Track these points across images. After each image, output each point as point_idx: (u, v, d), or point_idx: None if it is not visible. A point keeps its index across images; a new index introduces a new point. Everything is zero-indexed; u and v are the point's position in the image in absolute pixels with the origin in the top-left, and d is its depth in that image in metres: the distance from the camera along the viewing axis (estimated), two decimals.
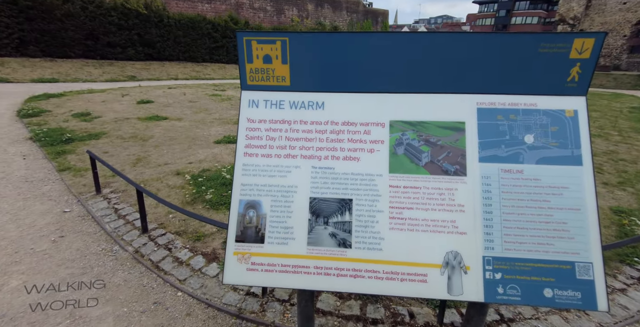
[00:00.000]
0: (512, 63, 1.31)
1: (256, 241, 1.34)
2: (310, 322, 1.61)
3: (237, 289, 2.23)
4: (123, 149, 5.13)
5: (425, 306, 2.15)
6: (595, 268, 1.20)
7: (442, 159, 1.35)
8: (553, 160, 1.29)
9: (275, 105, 1.45)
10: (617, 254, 2.78)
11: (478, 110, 1.36)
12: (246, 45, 1.41)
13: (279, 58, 1.41)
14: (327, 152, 1.39)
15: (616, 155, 5.79)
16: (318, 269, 1.30)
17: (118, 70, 16.56)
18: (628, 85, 20.53)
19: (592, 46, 1.27)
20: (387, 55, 1.36)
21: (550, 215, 1.25)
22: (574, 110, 1.33)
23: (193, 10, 24.24)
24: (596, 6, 25.81)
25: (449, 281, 1.24)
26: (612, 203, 3.83)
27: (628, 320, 2.11)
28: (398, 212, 1.32)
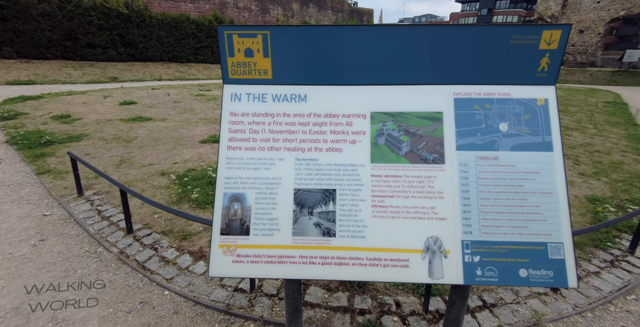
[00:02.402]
0: (487, 54, 1.36)
1: (241, 233, 1.35)
2: (297, 313, 1.63)
3: (225, 285, 2.22)
4: (106, 151, 5.02)
5: (411, 295, 2.20)
6: (565, 248, 1.26)
7: (422, 148, 1.39)
8: (526, 147, 1.35)
9: (258, 99, 1.46)
10: (591, 239, 2.91)
11: (455, 101, 1.41)
12: (227, 39, 1.42)
13: (261, 51, 1.42)
14: (311, 144, 1.41)
15: (592, 147, 6.03)
16: (303, 258, 1.32)
17: (99, 72, 16.13)
18: (603, 80, 21.34)
19: (560, 37, 1.32)
20: (367, 48, 1.39)
21: (525, 199, 1.31)
22: (545, 99, 1.39)
23: (176, 9, 23.82)
24: (572, 5, 26.70)
25: (430, 265, 1.28)
26: (587, 192, 3.99)
27: (601, 301, 2.22)
28: (380, 200, 1.35)
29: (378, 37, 1.37)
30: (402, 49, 1.38)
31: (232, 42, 1.41)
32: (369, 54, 1.39)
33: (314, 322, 1.95)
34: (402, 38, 1.37)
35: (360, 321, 1.97)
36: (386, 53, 1.38)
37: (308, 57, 1.41)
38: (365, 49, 1.38)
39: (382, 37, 1.37)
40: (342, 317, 1.99)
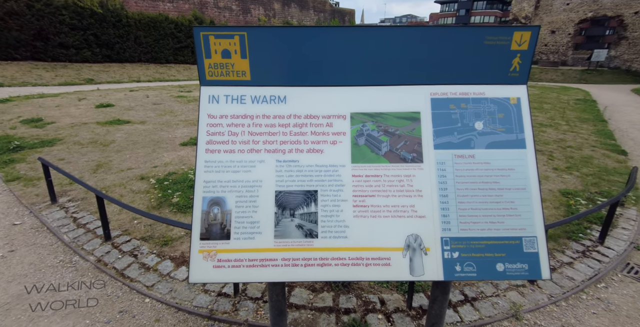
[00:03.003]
0: (462, 55, 1.39)
1: (222, 237, 1.33)
2: (282, 316, 1.62)
3: (208, 290, 2.18)
4: (81, 156, 4.82)
5: (395, 292, 2.23)
6: (539, 241, 1.31)
7: (400, 148, 1.41)
8: (501, 144, 1.39)
9: (237, 100, 1.44)
10: (564, 231, 3.04)
11: (432, 101, 1.43)
12: (204, 40, 1.39)
13: (238, 53, 1.40)
14: (291, 146, 1.40)
15: (564, 143, 6.30)
16: (286, 260, 1.31)
17: (73, 73, 15.49)
18: (574, 79, 22.36)
19: (529, 38, 1.38)
20: (346, 49, 1.39)
21: (500, 195, 1.35)
22: (517, 97, 1.43)
23: (154, 9, 23.21)
24: (544, 6, 27.82)
25: (411, 262, 1.30)
26: (561, 186, 4.17)
27: (574, 290, 2.32)
28: (361, 200, 1.36)
29: (357, 38, 1.38)
30: (380, 50, 1.39)
31: (208, 43, 1.39)
32: (348, 55, 1.40)
33: (299, 323, 1.94)
34: (380, 39, 1.38)
35: (345, 320, 1.97)
36: (365, 54, 1.39)
37: (287, 58, 1.40)
38: (344, 49, 1.39)
39: (361, 38, 1.38)
40: (327, 317, 2.00)
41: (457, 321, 2.02)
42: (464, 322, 2.02)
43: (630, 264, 2.68)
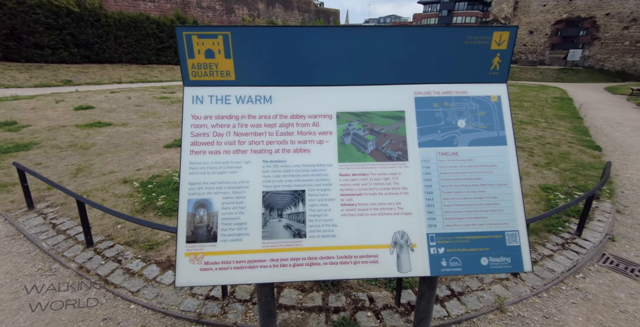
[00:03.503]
0: (444, 54, 1.42)
1: (208, 240, 1.31)
2: (271, 317, 1.61)
3: (196, 294, 2.15)
4: (60, 159, 4.65)
5: (384, 289, 2.25)
6: (520, 235, 1.36)
7: (386, 146, 1.43)
8: (483, 141, 1.43)
9: (221, 101, 1.42)
10: (545, 225, 3.14)
11: (416, 100, 1.46)
12: (186, 40, 1.37)
13: (222, 52, 1.39)
14: (278, 146, 1.40)
15: (544, 140, 6.52)
16: (274, 261, 1.31)
17: (49, 74, 14.91)
18: (551, 77, 23.17)
19: (508, 38, 1.42)
20: (331, 49, 1.40)
21: (483, 191, 1.38)
22: (498, 96, 1.47)
23: (134, 8, 22.62)
24: (522, 8, 28.71)
25: (398, 259, 1.32)
26: (541, 181, 4.31)
27: (554, 281, 2.41)
28: (349, 199, 1.37)
29: (341, 37, 1.39)
30: (365, 50, 1.40)
31: (191, 43, 1.37)
32: (333, 55, 1.40)
33: (289, 324, 1.94)
34: (365, 39, 1.39)
35: (335, 319, 1.98)
36: (350, 54, 1.40)
37: (272, 58, 1.39)
38: (328, 49, 1.39)
39: (346, 38, 1.39)
40: (317, 316, 2.00)
41: (444, 316, 2.06)
42: (451, 316, 2.06)
43: (605, 254, 2.80)
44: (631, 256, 2.79)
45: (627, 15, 23.11)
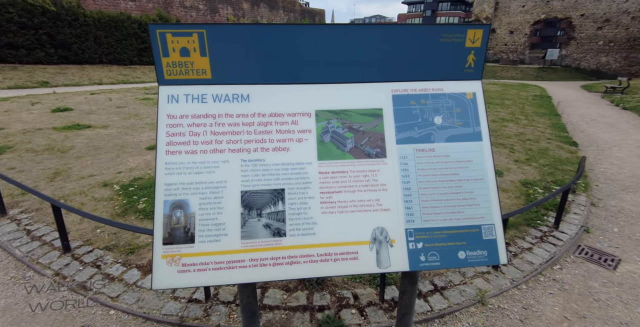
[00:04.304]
0: (420, 52, 1.44)
1: (186, 241, 1.29)
2: (254, 318, 1.59)
3: (178, 297, 2.11)
4: (36, 163, 4.48)
5: (369, 286, 2.27)
6: (496, 228, 1.39)
7: (365, 144, 1.44)
8: (459, 137, 1.46)
9: (197, 100, 1.40)
10: (524, 219, 3.24)
11: (393, 97, 1.47)
12: (160, 39, 1.34)
13: (197, 50, 1.36)
14: (256, 145, 1.38)
15: (524, 137, 6.70)
16: (254, 261, 1.29)
17: (25, 76, 14.35)
18: (532, 76, 23.87)
19: (482, 36, 1.45)
20: (309, 47, 1.39)
21: (460, 186, 1.41)
22: (473, 92, 1.51)
23: (115, 8, 22.04)
24: (502, 8, 29.47)
25: (378, 255, 1.33)
26: (521, 177, 4.43)
27: (533, 273, 2.48)
28: (328, 196, 1.37)
29: (319, 36, 1.38)
30: (343, 48, 1.40)
31: (165, 41, 1.34)
32: (311, 53, 1.40)
33: (273, 324, 1.93)
34: (343, 37, 1.39)
35: (319, 317, 1.98)
36: (328, 52, 1.40)
37: (248, 56, 1.38)
38: (306, 47, 1.39)
39: (324, 36, 1.39)
40: (301, 316, 1.99)
41: (427, 311, 2.09)
42: (434, 311, 2.10)
43: (581, 246, 2.90)
44: (605, 246, 2.90)
45: (601, 16, 24.04)
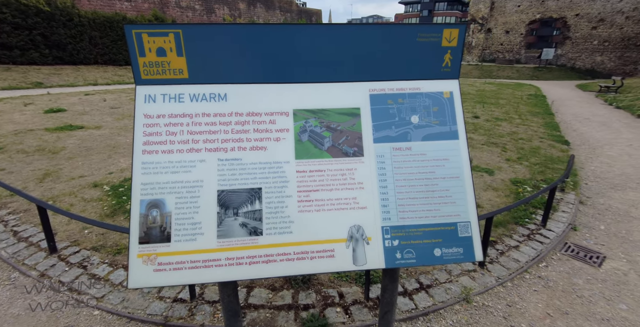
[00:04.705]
0: (397, 52, 1.45)
1: (162, 240, 1.29)
2: (236, 317, 1.60)
3: (164, 297, 2.11)
4: (26, 164, 4.46)
5: (354, 285, 2.28)
6: (472, 226, 1.40)
7: (342, 143, 1.45)
8: (435, 136, 1.47)
9: (175, 99, 1.40)
10: (513, 217, 3.26)
11: (371, 97, 1.48)
12: (136, 39, 1.34)
13: (174, 51, 1.37)
14: (233, 144, 1.39)
15: (517, 136, 6.74)
16: (230, 260, 1.30)
17: (18, 76, 14.27)
18: (527, 76, 23.98)
19: (458, 35, 1.46)
20: (286, 47, 1.40)
21: (436, 184, 1.42)
22: (450, 91, 1.52)
23: (110, 8, 21.95)
24: (498, 8, 29.59)
25: (354, 252, 1.34)
26: (512, 176, 4.46)
27: (519, 271, 2.50)
28: (306, 195, 1.38)
29: (297, 35, 1.39)
30: (321, 48, 1.41)
31: (141, 41, 1.34)
32: (289, 53, 1.40)
33: (257, 323, 1.93)
34: (320, 37, 1.40)
35: (304, 316, 1.99)
36: (306, 51, 1.41)
37: (225, 55, 1.38)
38: (284, 47, 1.40)
39: (301, 36, 1.39)
40: (286, 314, 2.00)
41: (412, 309, 2.10)
42: (419, 308, 2.11)
43: (567, 243, 2.92)
44: (590, 243, 2.92)
45: (595, 15, 24.19)
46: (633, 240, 2.95)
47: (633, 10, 22.40)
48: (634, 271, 2.52)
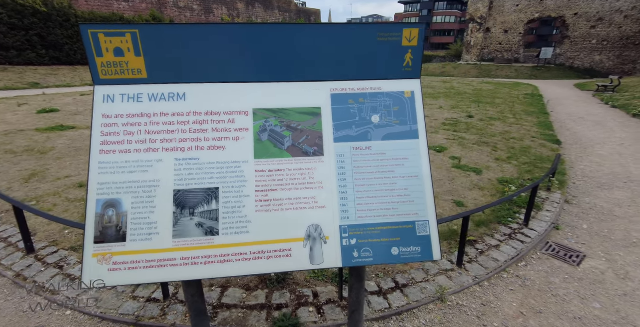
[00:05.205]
0: (358, 51, 1.45)
1: (117, 240, 1.29)
2: (202, 316, 1.60)
3: (137, 296, 2.11)
4: (13, 165, 4.47)
5: (330, 285, 2.28)
6: (430, 225, 1.40)
7: (302, 142, 1.45)
8: (396, 136, 1.47)
9: (133, 99, 1.40)
10: (496, 216, 3.25)
11: (332, 96, 1.48)
12: (93, 39, 1.34)
13: (132, 51, 1.37)
14: (191, 143, 1.39)
15: (509, 135, 6.73)
16: (185, 260, 1.30)
17: (15, 77, 14.30)
18: (526, 75, 23.95)
19: (418, 35, 1.46)
20: (246, 46, 1.40)
21: (395, 183, 1.42)
22: (411, 91, 1.52)
23: (107, 8, 21.97)
24: (497, 7, 29.54)
25: (311, 252, 1.34)
26: (499, 175, 4.45)
27: (497, 270, 2.49)
28: (264, 195, 1.38)
29: (256, 35, 1.39)
30: (281, 47, 1.41)
31: (98, 41, 1.34)
32: (249, 52, 1.40)
33: (228, 322, 1.93)
34: (281, 36, 1.40)
35: (276, 316, 1.99)
36: (266, 50, 1.41)
37: (184, 55, 1.38)
38: (244, 46, 1.40)
39: (261, 35, 1.39)
40: (258, 314, 2.00)
41: (385, 308, 2.10)
42: (392, 308, 2.11)
43: (549, 243, 2.92)
44: (572, 242, 2.92)
45: (594, 15, 24.13)
46: (614, 239, 2.94)
47: (632, 9, 22.35)
48: (612, 269, 2.51)
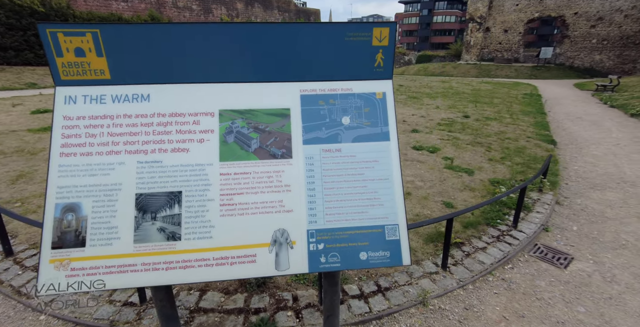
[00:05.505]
0: (328, 51, 1.41)
1: (76, 245, 1.26)
2: (171, 321, 1.56)
3: (114, 300, 2.08)
4: (1, 166, 4.45)
5: (311, 288, 2.24)
6: (400, 229, 1.36)
7: (270, 144, 1.41)
8: (366, 137, 1.43)
9: (96, 100, 1.37)
10: (485, 218, 3.21)
11: (302, 97, 1.44)
12: (52, 38, 1.31)
13: (93, 51, 1.33)
14: (154, 146, 1.35)
15: (504, 135, 6.67)
16: (146, 265, 1.26)
17: (12, 77, 14.29)
18: (525, 74, 23.86)
19: (388, 34, 1.42)
20: (212, 46, 1.36)
21: (365, 186, 1.39)
22: (383, 92, 1.48)
23: (106, 9, 21.97)
24: (496, 7, 29.43)
25: (277, 257, 1.30)
26: (492, 176, 4.40)
27: (482, 273, 2.45)
28: (229, 198, 1.34)
29: (222, 34, 1.36)
30: (249, 47, 1.37)
31: (57, 41, 1.31)
32: (215, 52, 1.37)
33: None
34: (248, 36, 1.37)
35: (253, 320, 1.96)
36: (233, 50, 1.37)
37: (148, 55, 1.35)
38: (209, 46, 1.36)
39: (227, 35, 1.36)
40: (235, 318, 1.97)
41: (365, 312, 2.06)
42: (373, 312, 2.07)
43: (537, 245, 2.87)
44: (560, 245, 2.87)
45: (594, 14, 24.02)
46: (603, 241, 2.90)
47: (632, 9, 22.23)
48: (599, 272, 2.47)
